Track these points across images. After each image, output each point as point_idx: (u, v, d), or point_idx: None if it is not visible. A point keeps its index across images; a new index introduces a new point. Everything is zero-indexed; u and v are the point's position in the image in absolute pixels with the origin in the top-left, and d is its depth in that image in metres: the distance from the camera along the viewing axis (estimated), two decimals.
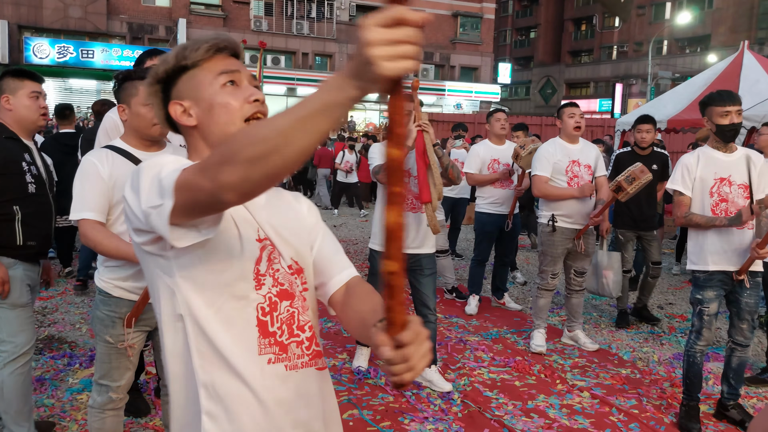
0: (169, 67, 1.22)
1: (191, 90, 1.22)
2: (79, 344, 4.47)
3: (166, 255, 1.14)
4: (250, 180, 0.90)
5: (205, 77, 1.22)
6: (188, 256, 1.13)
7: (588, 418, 3.58)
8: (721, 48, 34.13)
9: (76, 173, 2.36)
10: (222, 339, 1.17)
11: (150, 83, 1.24)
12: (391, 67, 0.78)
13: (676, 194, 3.49)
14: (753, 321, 3.50)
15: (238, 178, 0.89)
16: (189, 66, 1.22)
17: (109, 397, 2.45)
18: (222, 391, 1.17)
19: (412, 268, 3.88)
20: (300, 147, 0.87)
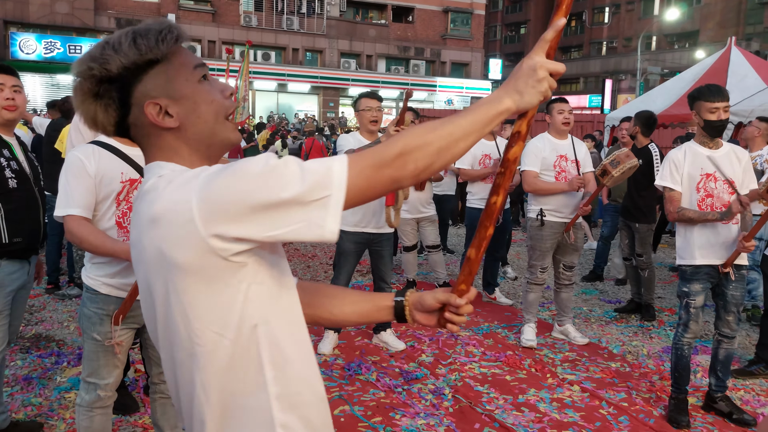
0: (128, 62, 1.07)
1: (165, 87, 1.10)
2: (67, 342, 4.44)
3: (248, 262, 1.02)
4: (431, 169, 1.02)
5: (180, 72, 1.11)
6: (269, 262, 1.07)
7: (578, 411, 3.60)
8: (710, 44, 34.35)
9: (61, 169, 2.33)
10: (290, 344, 1.10)
11: (95, 82, 1.07)
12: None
13: (666, 190, 3.51)
14: (739, 313, 3.54)
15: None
16: (158, 60, 1.09)
17: (97, 395, 2.43)
18: (296, 400, 1.10)
19: (373, 247, 4.33)
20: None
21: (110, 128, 1.12)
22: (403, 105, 3.96)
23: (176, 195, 1.00)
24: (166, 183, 1.03)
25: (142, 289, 1.13)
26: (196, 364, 1.05)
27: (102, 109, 1.09)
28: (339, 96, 29.61)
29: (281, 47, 28.83)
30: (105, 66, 1.06)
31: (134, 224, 1.10)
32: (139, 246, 1.07)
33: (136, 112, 1.09)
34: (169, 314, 1.05)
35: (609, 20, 45.13)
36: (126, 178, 2.34)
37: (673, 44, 41.52)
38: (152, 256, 1.03)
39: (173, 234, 0.99)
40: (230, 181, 0.96)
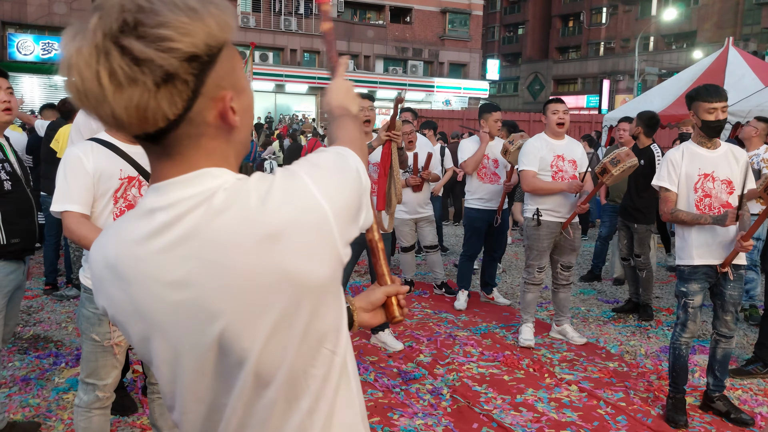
0: (212, 40, 0.82)
1: (231, 77, 0.87)
2: (66, 343, 4.44)
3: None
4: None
5: (238, 60, 0.90)
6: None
7: (576, 411, 3.60)
8: (707, 44, 34.42)
9: (59, 165, 2.33)
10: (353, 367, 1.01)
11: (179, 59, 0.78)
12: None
13: (662, 190, 3.52)
14: (737, 313, 3.55)
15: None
16: (227, 41, 0.86)
17: (95, 395, 2.43)
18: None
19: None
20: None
21: (162, 123, 0.82)
22: (393, 110, 4.02)
23: (297, 201, 0.84)
24: (263, 191, 0.84)
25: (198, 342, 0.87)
26: (306, 392, 0.91)
27: (168, 96, 0.80)
28: None
29: (279, 48, 28.84)
30: (191, 38, 0.79)
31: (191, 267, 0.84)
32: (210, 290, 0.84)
33: (201, 105, 0.84)
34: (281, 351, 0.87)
35: (607, 21, 45.21)
36: (124, 175, 2.34)
37: (670, 45, 41.60)
38: (268, 281, 0.83)
39: (307, 245, 0.84)
40: (342, 180, 0.91)
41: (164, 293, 0.86)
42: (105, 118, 0.81)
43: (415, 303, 5.75)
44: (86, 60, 0.77)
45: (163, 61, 0.77)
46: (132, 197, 2.35)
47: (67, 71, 0.79)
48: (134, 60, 0.77)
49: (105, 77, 0.77)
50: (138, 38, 0.76)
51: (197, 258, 0.84)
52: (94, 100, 0.79)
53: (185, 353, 0.88)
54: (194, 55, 0.80)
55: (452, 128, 17.79)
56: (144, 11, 0.77)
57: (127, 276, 0.88)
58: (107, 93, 0.78)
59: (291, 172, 0.88)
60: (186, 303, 0.85)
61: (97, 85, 0.77)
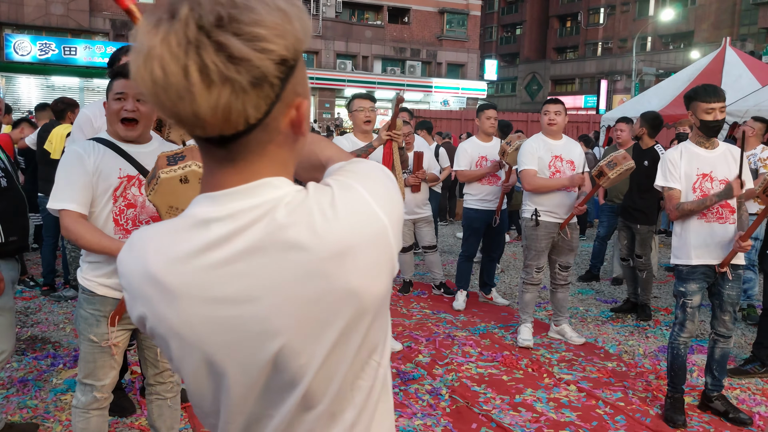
0: (298, 44, 0.78)
1: (303, 84, 0.84)
2: (63, 344, 4.42)
3: None
4: None
5: (305, 69, 0.86)
6: None
7: (575, 411, 3.60)
8: (704, 44, 34.49)
9: (59, 163, 2.33)
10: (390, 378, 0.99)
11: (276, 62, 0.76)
12: None
13: (665, 190, 3.52)
14: (735, 313, 3.55)
15: None
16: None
17: (93, 396, 2.42)
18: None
19: None
20: None
21: (241, 127, 0.78)
22: (394, 110, 4.00)
23: (361, 216, 0.83)
24: (326, 205, 0.82)
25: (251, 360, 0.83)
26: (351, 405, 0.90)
27: (255, 99, 0.76)
28: (335, 97, 29.60)
29: None
30: (284, 41, 0.76)
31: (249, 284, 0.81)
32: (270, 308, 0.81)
33: (278, 111, 0.80)
34: (334, 367, 0.85)
35: (604, 21, 45.28)
36: (124, 174, 2.33)
37: (668, 45, 41.68)
38: (329, 303, 0.82)
39: (370, 261, 0.83)
40: (389, 190, 0.89)
41: (218, 309, 0.81)
42: (182, 115, 0.75)
43: (414, 303, 5.74)
44: (174, 52, 0.71)
45: (260, 62, 0.74)
46: (132, 196, 2.34)
47: (145, 61, 0.73)
48: (230, 58, 0.72)
49: (195, 73, 0.71)
50: (234, 35, 0.72)
51: (258, 274, 0.80)
52: (174, 96, 0.73)
53: (235, 371, 0.84)
54: (284, 58, 0.76)
55: (450, 128, 17.80)
56: (238, 7, 0.73)
57: (175, 290, 0.82)
58: (195, 89, 0.72)
59: (346, 184, 0.85)
60: (242, 319, 0.81)
61: (183, 79, 0.72)
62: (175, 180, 1.93)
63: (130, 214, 2.34)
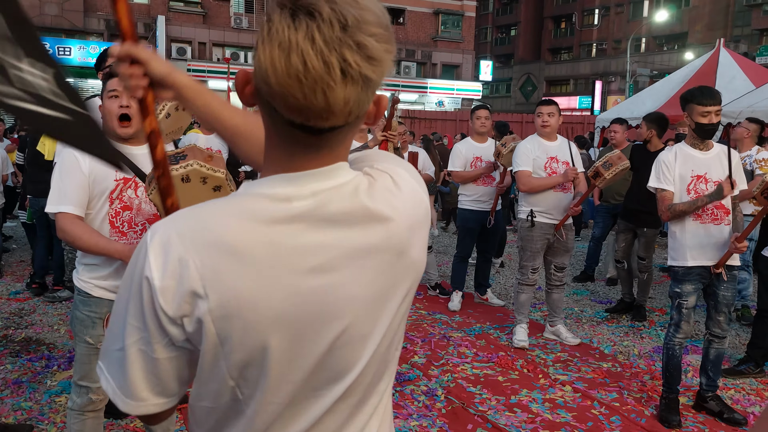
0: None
1: None
2: (58, 346, 4.41)
3: None
4: None
5: None
6: None
7: (570, 411, 3.61)
8: (698, 45, 34.64)
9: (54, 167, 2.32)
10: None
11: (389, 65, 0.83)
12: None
13: (658, 192, 3.53)
14: (730, 313, 3.57)
15: None
16: None
17: (89, 398, 2.41)
18: None
19: None
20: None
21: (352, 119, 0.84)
22: (390, 111, 4.00)
23: (416, 196, 0.96)
24: (391, 186, 0.93)
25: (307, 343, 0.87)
26: (387, 371, 1.00)
27: (371, 95, 0.84)
28: None
29: None
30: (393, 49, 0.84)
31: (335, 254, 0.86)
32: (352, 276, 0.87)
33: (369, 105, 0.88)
34: (390, 332, 0.96)
35: (599, 22, 45.42)
36: (120, 177, 2.32)
37: (662, 46, 41.84)
38: (398, 272, 0.92)
39: (424, 235, 0.97)
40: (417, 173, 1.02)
41: (303, 279, 0.84)
42: (312, 105, 0.78)
43: None
44: (319, 48, 0.76)
45: (389, 62, 0.81)
46: (128, 198, 2.33)
47: (286, 54, 0.76)
48: (368, 58, 0.78)
49: (337, 68, 0.76)
50: (370, 35, 0.78)
51: (344, 245, 0.86)
52: (311, 87, 0.77)
53: (304, 346, 0.86)
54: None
55: (445, 129, 17.83)
56: (362, 8, 0.78)
57: (258, 257, 0.82)
58: (335, 83, 0.77)
59: (399, 173, 0.95)
60: (323, 289, 0.85)
61: (325, 74, 0.76)
62: (177, 179, 1.93)
63: (126, 216, 2.33)
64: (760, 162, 5.11)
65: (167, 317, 0.82)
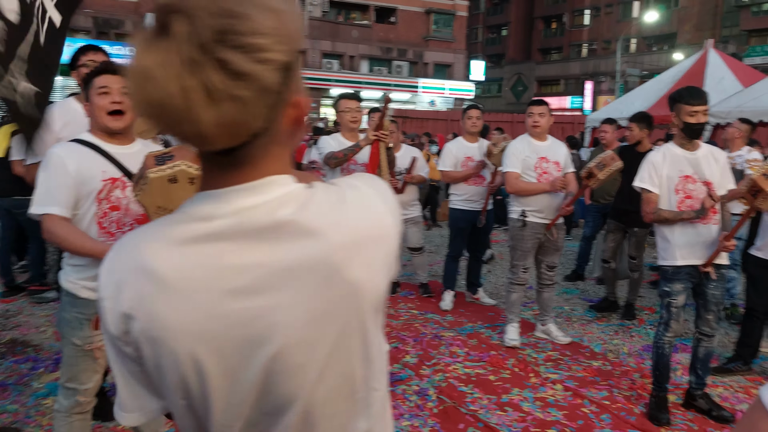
0: (298, 46, 0.78)
1: (299, 81, 0.83)
2: (44, 347, 4.36)
3: None
4: None
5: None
6: None
7: (561, 410, 3.62)
8: (687, 46, 34.89)
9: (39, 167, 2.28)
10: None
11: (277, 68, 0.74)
12: None
13: (644, 192, 3.55)
14: (719, 312, 3.59)
15: None
16: None
17: (76, 400, 2.38)
18: None
19: None
20: None
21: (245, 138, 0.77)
22: (382, 111, 4.00)
23: (371, 214, 0.85)
24: (335, 202, 0.83)
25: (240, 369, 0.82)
26: (365, 410, 0.90)
27: (258, 110, 0.76)
28: (321, 97, 29.55)
29: None
30: (285, 47, 0.74)
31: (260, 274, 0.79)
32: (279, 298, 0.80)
33: (280, 114, 0.80)
34: (338, 366, 0.86)
35: (589, 23, 45.63)
36: (107, 177, 2.29)
37: (651, 46, 42.08)
38: (335, 296, 0.82)
39: (375, 259, 0.84)
40: (392, 195, 0.93)
41: (224, 301, 0.78)
42: (186, 134, 0.74)
43: (401, 304, 5.74)
44: (175, 74, 0.69)
45: (262, 74, 0.71)
46: (115, 199, 2.30)
47: (142, 83, 0.70)
48: (233, 74, 0.70)
49: (197, 93, 0.69)
50: (235, 49, 0.69)
51: (269, 263, 0.79)
52: (175, 117, 0.71)
53: (237, 370, 0.81)
54: (286, 64, 0.75)
55: (437, 129, 17.83)
56: (234, 15, 0.70)
57: (176, 282, 0.78)
58: (197, 110, 0.70)
59: (353, 184, 0.87)
60: (249, 311, 0.79)
61: (183, 101, 0.69)
62: (164, 180, 1.91)
63: (114, 216, 2.30)
64: (751, 162, 5.14)
65: (113, 335, 0.84)
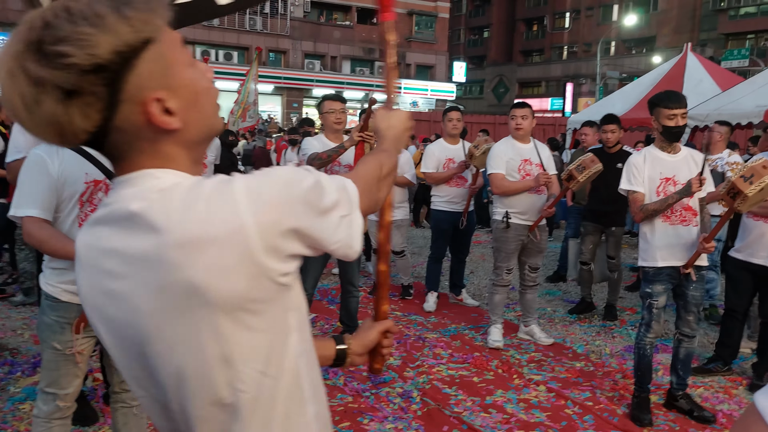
0: (122, 44, 0.78)
1: (163, 75, 0.84)
2: (21, 351, 4.28)
3: (292, 284, 0.89)
4: (387, 197, 1.10)
5: (174, 54, 0.86)
6: (298, 281, 0.93)
7: (544, 411, 3.63)
8: (666, 49, 35.39)
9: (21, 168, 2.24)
10: (317, 371, 1.02)
11: (77, 74, 0.77)
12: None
13: (630, 194, 3.59)
14: (699, 313, 3.64)
15: (387, 194, 1.07)
16: (151, 39, 0.82)
17: (56, 405, 2.34)
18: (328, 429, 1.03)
19: None
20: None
21: (83, 136, 0.82)
22: (367, 112, 4.00)
23: (212, 212, 0.81)
24: (188, 199, 0.83)
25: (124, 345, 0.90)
26: (234, 414, 0.87)
27: (79, 111, 0.79)
28: (303, 97, 29.44)
29: (244, 47, 28.49)
30: (90, 51, 0.76)
31: (119, 261, 0.85)
32: (133, 287, 0.84)
33: (126, 110, 0.82)
34: (194, 364, 0.85)
35: (569, 25, 46.06)
36: (90, 179, 2.25)
37: (631, 49, 42.61)
38: (175, 293, 0.82)
39: (219, 261, 0.80)
40: (285, 191, 0.84)
41: (102, 280, 0.88)
42: (30, 130, 0.83)
43: None
44: (4, 81, 0.80)
45: (59, 79, 0.77)
46: (98, 201, 2.26)
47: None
48: (34, 82, 0.77)
49: (17, 99, 0.79)
50: (37, 58, 0.77)
51: (126, 252, 0.84)
52: (16, 117, 0.82)
53: (119, 346, 0.91)
54: (99, 65, 0.77)
55: (419, 130, 17.85)
56: (48, 27, 0.77)
57: (81, 260, 0.92)
58: (20, 114, 0.80)
59: (229, 180, 0.84)
60: (116, 293, 0.86)
61: (14, 105, 0.80)
62: None
63: None
64: (731, 165, 5.21)
65: None
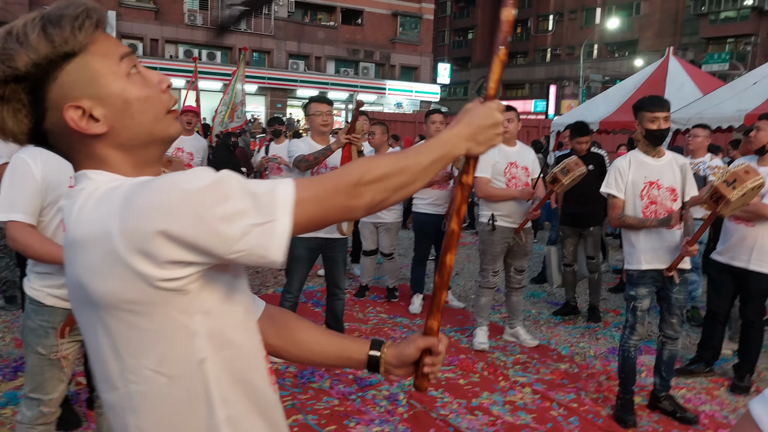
0: (38, 58, 0.90)
1: (88, 85, 0.93)
2: (3, 355, 4.21)
3: (189, 289, 0.89)
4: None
5: (104, 66, 0.94)
6: (217, 286, 0.94)
7: (530, 413, 3.66)
8: (648, 52, 35.81)
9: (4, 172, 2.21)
10: (250, 377, 1.01)
11: (3, 81, 0.91)
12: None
13: (610, 197, 3.64)
14: (682, 315, 3.68)
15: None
16: (75, 52, 0.92)
17: (40, 411, 2.31)
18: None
19: (327, 252, 4.29)
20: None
21: (22, 137, 0.95)
22: (354, 113, 3.99)
23: (94, 215, 0.88)
24: (87, 200, 0.91)
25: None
26: (129, 405, 0.93)
27: (10, 114, 0.92)
28: (287, 97, 29.32)
29: (227, 47, 28.28)
30: (9, 63, 0.89)
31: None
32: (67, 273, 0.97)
33: (54, 116, 0.93)
34: (99, 350, 0.93)
35: (553, 28, 46.38)
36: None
37: (613, 53, 43.02)
38: (73, 286, 0.93)
39: (92, 262, 0.87)
40: (158, 196, 0.84)
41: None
42: None
43: (370, 308, 5.73)
44: None
45: None
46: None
47: None
48: None
49: None
50: None
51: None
52: None
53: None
54: (17, 76, 0.90)
55: (405, 131, 17.87)
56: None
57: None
58: None
59: (122, 182, 0.91)
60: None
61: None
62: None
63: None
64: (713, 169, 5.28)
65: None
